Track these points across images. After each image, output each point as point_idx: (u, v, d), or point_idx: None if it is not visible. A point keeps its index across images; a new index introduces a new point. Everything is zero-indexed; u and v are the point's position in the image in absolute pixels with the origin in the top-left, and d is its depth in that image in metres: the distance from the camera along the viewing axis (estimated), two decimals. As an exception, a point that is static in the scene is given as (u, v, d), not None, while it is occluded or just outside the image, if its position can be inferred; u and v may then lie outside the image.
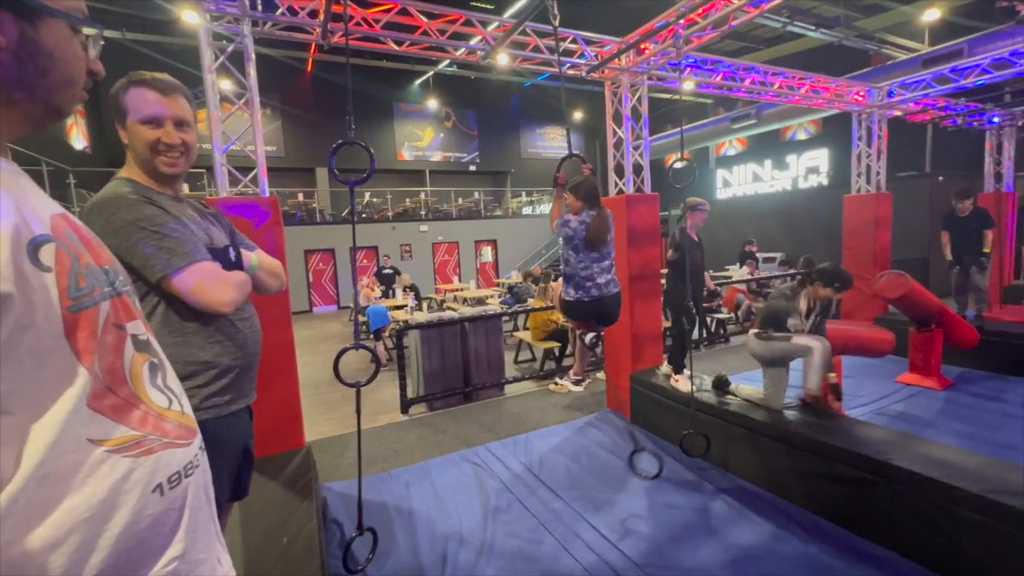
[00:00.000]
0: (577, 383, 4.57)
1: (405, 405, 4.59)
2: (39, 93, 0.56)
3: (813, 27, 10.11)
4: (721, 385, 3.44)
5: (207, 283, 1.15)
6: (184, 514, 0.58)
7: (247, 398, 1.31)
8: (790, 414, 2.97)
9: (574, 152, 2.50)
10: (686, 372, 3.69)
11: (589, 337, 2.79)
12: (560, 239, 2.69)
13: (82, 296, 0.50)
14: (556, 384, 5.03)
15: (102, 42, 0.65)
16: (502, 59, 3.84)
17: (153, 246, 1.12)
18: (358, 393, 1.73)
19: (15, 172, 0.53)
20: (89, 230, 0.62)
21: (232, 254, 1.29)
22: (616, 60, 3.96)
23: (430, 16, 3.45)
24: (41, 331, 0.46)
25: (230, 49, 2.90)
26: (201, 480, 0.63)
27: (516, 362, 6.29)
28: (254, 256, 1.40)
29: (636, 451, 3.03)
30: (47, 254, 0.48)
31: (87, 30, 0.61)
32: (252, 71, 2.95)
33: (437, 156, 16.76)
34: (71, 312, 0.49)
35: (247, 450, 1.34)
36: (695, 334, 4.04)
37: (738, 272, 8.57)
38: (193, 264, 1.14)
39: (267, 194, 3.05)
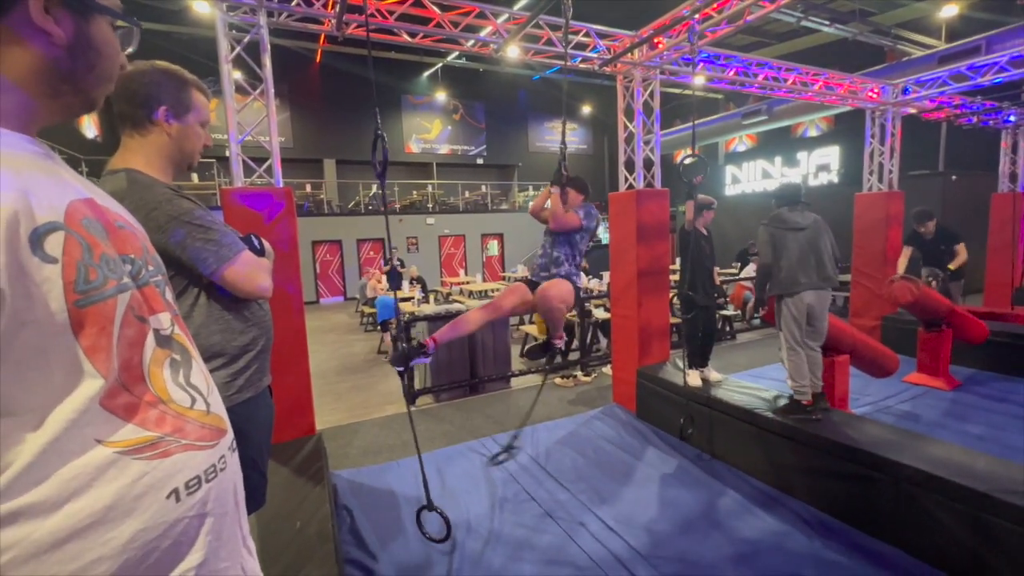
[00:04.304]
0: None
1: (412, 396, 4.63)
2: (82, 86, 0.57)
3: (828, 22, 9.97)
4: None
5: (253, 272, 1.22)
6: (204, 522, 0.54)
7: (269, 375, 1.39)
8: (795, 410, 2.97)
9: (562, 161, 2.39)
10: (710, 367, 3.73)
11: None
12: (579, 229, 2.67)
13: (91, 290, 0.47)
14: (562, 379, 5.05)
15: (136, 40, 0.65)
16: (513, 52, 3.84)
17: (201, 240, 1.15)
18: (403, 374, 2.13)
19: (40, 155, 0.51)
20: (122, 215, 0.61)
21: (256, 242, 1.33)
22: (629, 54, 3.94)
23: (444, 8, 3.45)
24: (43, 328, 0.44)
25: (246, 40, 2.92)
26: (227, 484, 0.59)
27: (522, 356, 6.32)
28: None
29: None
30: (53, 244, 0.45)
31: (122, 22, 0.61)
32: (268, 62, 2.97)
33: (444, 149, 16.73)
34: (78, 307, 0.46)
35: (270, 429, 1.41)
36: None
37: (746, 271, 8.56)
38: (239, 254, 1.20)
39: (281, 184, 3.08)
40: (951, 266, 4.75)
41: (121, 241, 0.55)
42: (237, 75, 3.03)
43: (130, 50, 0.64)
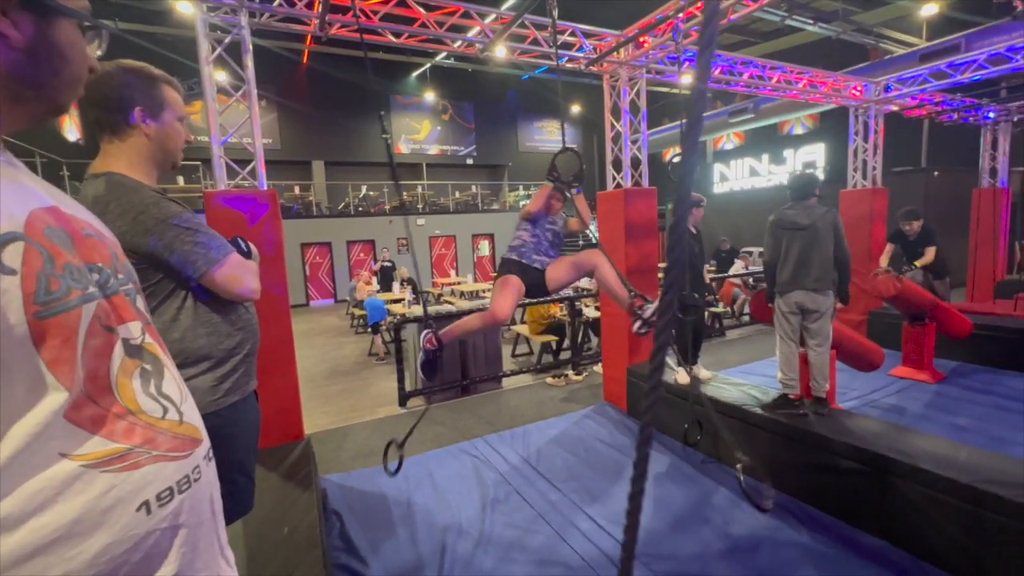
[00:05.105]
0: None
1: (403, 398, 4.60)
2: (47, 92, 0.55)
3: (811, 21, 10.09)
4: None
5: (240, 274, 1.21)
6: (177, 533, 0.54)
7: (255, 379, 1.38)
8: (783, 405, 2.99)
9: (569, 147, 2.52)
10: (699, 365, 3.76)
11: None
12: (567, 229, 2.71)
13: (52, 301, 0.46)
14: (553, 378, 5.06)
15: (105, 44, 0.63)
16: (500, 52, 3.83)
17: (189, 243, 1.14)
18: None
19: (0, 163, 0.50)
20: (91, 222, 0.59)
21: (243, 244, 1.32)
22: (615, 53, 3.95)
23: (428, 8, 3.43)
24: (1, 341, 0.43)
25: (227, 40, 2.88)
26: (202, 494, 0.59)
27: (513, 356, 6.32)
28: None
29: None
30: (12, 255, 0.44)
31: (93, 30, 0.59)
32: (250, 63, 2.93)
33: (434, 149, 16.68)
34: (38, 319, 0.45)
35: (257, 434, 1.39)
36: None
37: (734, 268, 8.62)
38: (227, 256, 1.19)
39: (265, 187, 3.04)
40: (917, 263, 4.86)
41: (88, 249, 0.54)
42: (221, 76, 2.99)
43: (99, 53, 0.62)
